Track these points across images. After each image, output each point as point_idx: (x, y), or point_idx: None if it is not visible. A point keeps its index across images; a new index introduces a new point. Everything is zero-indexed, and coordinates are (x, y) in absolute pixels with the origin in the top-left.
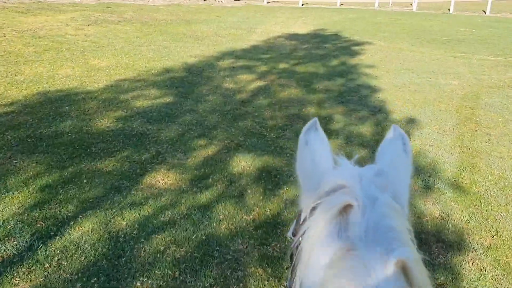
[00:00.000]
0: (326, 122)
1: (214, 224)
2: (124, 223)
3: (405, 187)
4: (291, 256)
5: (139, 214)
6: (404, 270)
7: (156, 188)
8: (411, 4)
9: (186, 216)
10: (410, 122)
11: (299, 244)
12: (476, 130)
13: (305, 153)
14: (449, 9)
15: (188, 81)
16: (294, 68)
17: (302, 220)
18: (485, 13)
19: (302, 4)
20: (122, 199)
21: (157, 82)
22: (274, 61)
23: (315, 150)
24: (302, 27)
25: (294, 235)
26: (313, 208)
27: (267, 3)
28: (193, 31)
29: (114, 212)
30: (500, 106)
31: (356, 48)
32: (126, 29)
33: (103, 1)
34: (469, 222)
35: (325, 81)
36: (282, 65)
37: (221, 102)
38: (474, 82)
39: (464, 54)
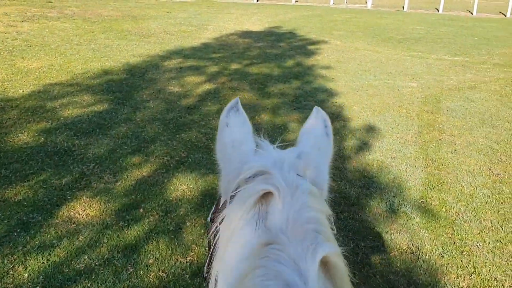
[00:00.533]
0: (281, 132)
1: (141, 272)
2: (26, 274)
3: (326, 169)
4: (209, 243)
5: (47, 261)
6: (327, 266)
7: (73, 223)
8: (366, 2)
9: (107, 262)
10: (370, 131)
11: (217, 232)
12: (440, 139)
13: (225, 136)
14: (403, 7)
15: (128, 85)
16: (247, 69)
17: (221, 205)
18: (438, 11)
19: (257, 0)
20: (28, 239)
21: (93, 86)
22: (225, 61)
23: (235, 132)
24: (257, 24)
25: (212, 221)
26: (232, 196)
27: None
28: (140, 28)
29: (15, 259)
30: (463, 111)
31: (311, 47)
32: (66, 26)
33: None
34: (442, 256)
35: (280, 84)
36: (234, 66)
37: (163, 109)
38: (434, 84)
39: (421, 53)
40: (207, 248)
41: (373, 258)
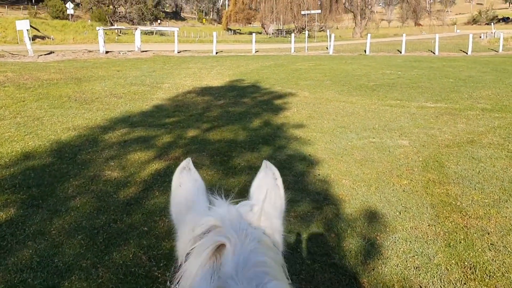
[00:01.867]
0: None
1: None
2: None
3: (279, 221)
4: None
5: None
6: None
7: None
8: (327, 48)
9: None
10: (373, 220)
11: None
12: (465, 226)
13: (179, 195)
14: (365, 51)
15: (51, 173)
16: (207, 136)
17: (178, 266)
18: (400, 52)
19: (216, 53)
20: None
21: (2, 180)
22: (181, 127)
23: (189, 192)
24: (217, 79)
25: (171, 282)
26: (188, 254)
27: (178, 52)
28: (82, 92)
29: None
30: (475, 177)
31: (278, 102)
32: None
33: None
34: None
35: (247, 153)
36: (191, 132)
37: (92, 210)
38: (427, 140)
39: (399, 101)
40: None
41: None
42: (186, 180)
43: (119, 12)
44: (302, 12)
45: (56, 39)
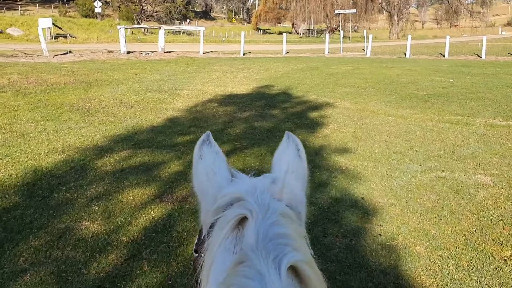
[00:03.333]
0: None
1: None
2: None
3: (301, 192)
4: (196, 274)
5: None
6: (297, 274)
7: None
8: (363, 49)
9: None
10: None
11: (203, 263)
12: None
13: (199, 168)
14: (405, 53)
15: (9, 223)
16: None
17: (203, 236)
18: (444, 56)
19: (244, 54)
20: None
21: None
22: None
23: (209, 164)
24: (242, 84)
25: (196, 252)
26: (212, 225)
27: (203, 54)
28: (88, 100)
29: None
30: None
31: (314, 114)
32: None
33: None
34: None
35: None
36: None
37: None
38: None
39: (461, 117)
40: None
41: None
42: (207, 153)
43: (147, 11)
44: (336, 11)
45: (80, 38)
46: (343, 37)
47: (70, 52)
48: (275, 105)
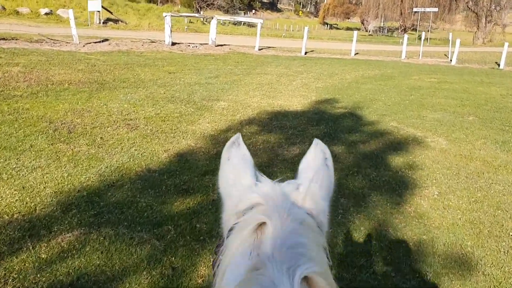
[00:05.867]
0: None
1: None
2: None
3: (325, 202)
4: (214, 274)
5: None
6: (310, 285)
7: None
8: (445, 55)
9: None
10: None
11: (219, 264)
12: None
13: (226, 170)
14: (497, 63)
15: None
16: None
17: (222, 238)
18: None
19: (306, 52)
20: None
21: None
22: (215, 218)
23: (236, 166)
24: (298, 95)
25: (216, 253)
26: (231, 228)
27: (259, 50)
28: (82, 112)
29: None
30: None
31: (398, 162)
32: None
33: None
34: None
35: None
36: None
37: None
38: None
39: None
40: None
41: None
42: (235, 155)
43: None
44: (415, 9)
45: (131, 24)
46: (420, 39)
47: (106, 40)
48: (338, 136)
